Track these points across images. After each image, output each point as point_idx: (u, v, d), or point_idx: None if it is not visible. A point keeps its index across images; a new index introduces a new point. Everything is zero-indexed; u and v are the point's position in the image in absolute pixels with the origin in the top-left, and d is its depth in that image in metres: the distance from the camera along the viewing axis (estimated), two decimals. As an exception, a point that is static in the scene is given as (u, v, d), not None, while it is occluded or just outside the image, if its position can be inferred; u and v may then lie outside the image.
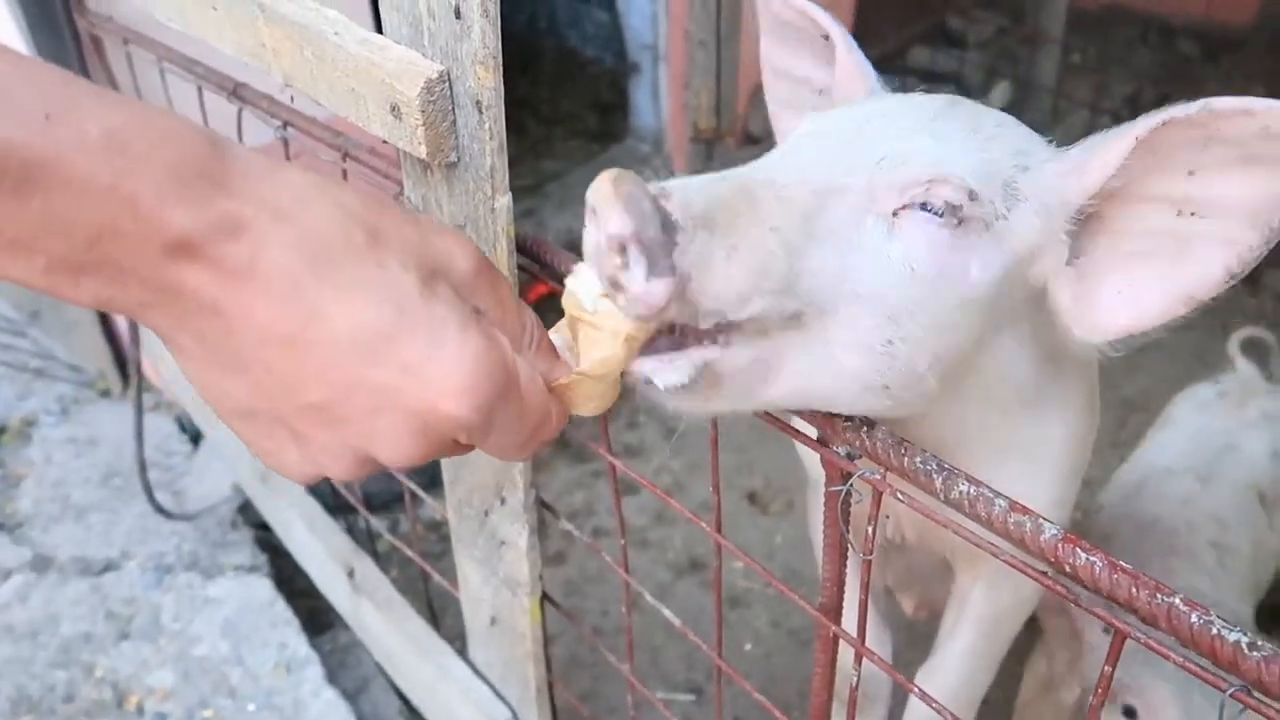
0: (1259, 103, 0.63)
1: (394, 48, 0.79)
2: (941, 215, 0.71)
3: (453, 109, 0.77)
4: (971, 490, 0.60)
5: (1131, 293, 0.73)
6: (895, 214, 0.71)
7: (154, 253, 0.46)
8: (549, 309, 0.67)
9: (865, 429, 0.67)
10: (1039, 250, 0.75)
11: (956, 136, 0.75)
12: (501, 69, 0.75)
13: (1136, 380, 2.81)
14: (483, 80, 0.74)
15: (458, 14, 0.73)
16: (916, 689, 0.73)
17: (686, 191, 0.62)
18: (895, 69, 4.07)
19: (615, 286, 0.59)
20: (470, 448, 0.58)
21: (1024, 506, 0.58)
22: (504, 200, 0.80)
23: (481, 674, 1.34)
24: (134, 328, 1.97)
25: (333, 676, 1.85)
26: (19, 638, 1.92)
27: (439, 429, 0.53)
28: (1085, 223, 0.75)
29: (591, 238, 0.61)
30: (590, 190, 0.60)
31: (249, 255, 0.48)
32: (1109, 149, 0.71)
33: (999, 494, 0.59)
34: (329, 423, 0.52)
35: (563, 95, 4.06)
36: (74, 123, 0.44)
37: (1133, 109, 3.69)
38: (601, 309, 0.61)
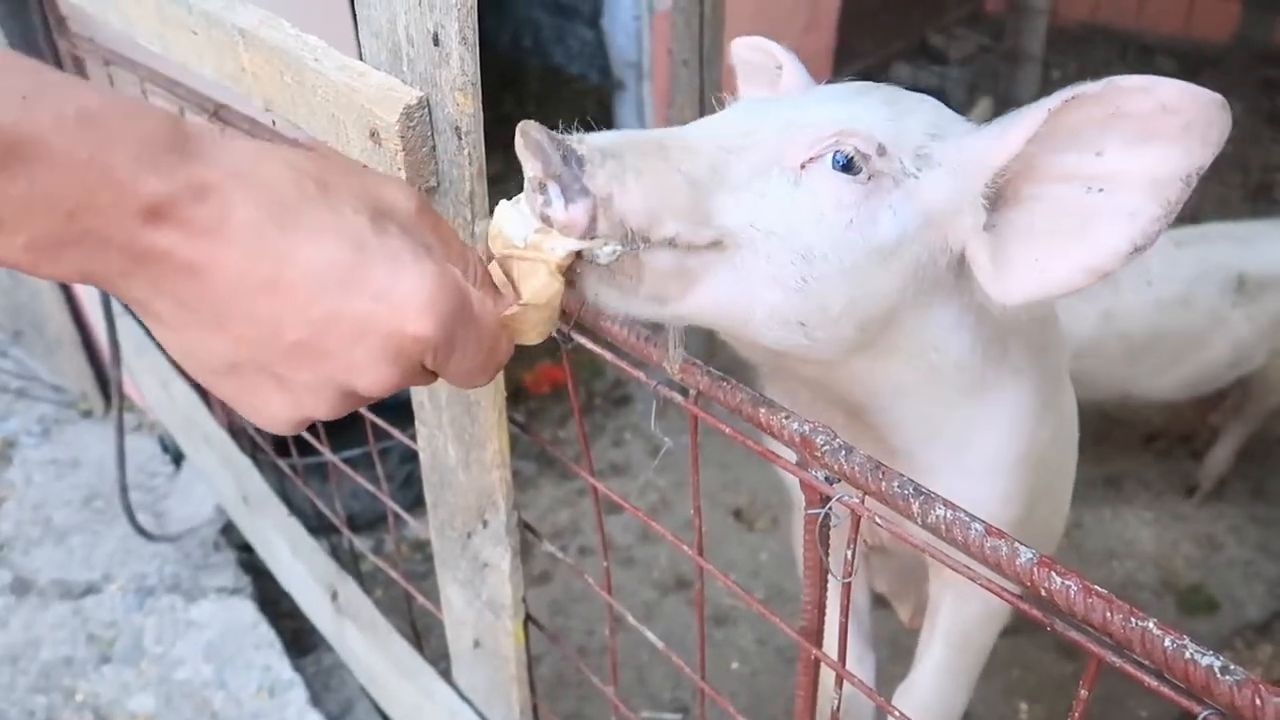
0: (1156, 80, 0.70)
1: (373, 74, 0.79)
2: (849, 170, 0.76)
3: (432, 135, 0.78)
4: (948, 514, 0.60)
5: (1040, 263, 0.77)
6: (803, 166, 0.77)
7: (130, 220, 0.50)
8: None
9: (844, 453, 0.68)
10: (954, 212, 0.80)
11: (870, 106, 0.81)
12: (480, 95, 0.75)
13: (1119, 395, 2.83)
14: (461, 106, 0.75)
15: (436, 41, 0.73)
16: (896, 711, 0.73)
17: (598, 135, 0.70)
18: (878, 86, 4.10)
19: (545, 221, 0.67)
20: (435, 377, 0.62)
21: (1000, 530, 0.58)
22: (484, 224, 0.80)
23: (466, 697, 1.33)
24: (115, 347, 1.96)
25: (316, 699, 1.84)
26: (-2, 662, 1.90)
27: (409, 351, 0.57)
28: (1003, 193, 0.80)
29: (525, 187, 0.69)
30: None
31: (217, 214, 0.52)
32: (1025, 119, 0.76)
33: (975, 518, 0.59)
34: (311, 359, 0.56)
35: (548, 112, 4.04)
36: (50, 103, 0.47)
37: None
38: (531, 240, 0.67)
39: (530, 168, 0.67)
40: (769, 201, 0.75)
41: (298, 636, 2.05)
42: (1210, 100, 0.69)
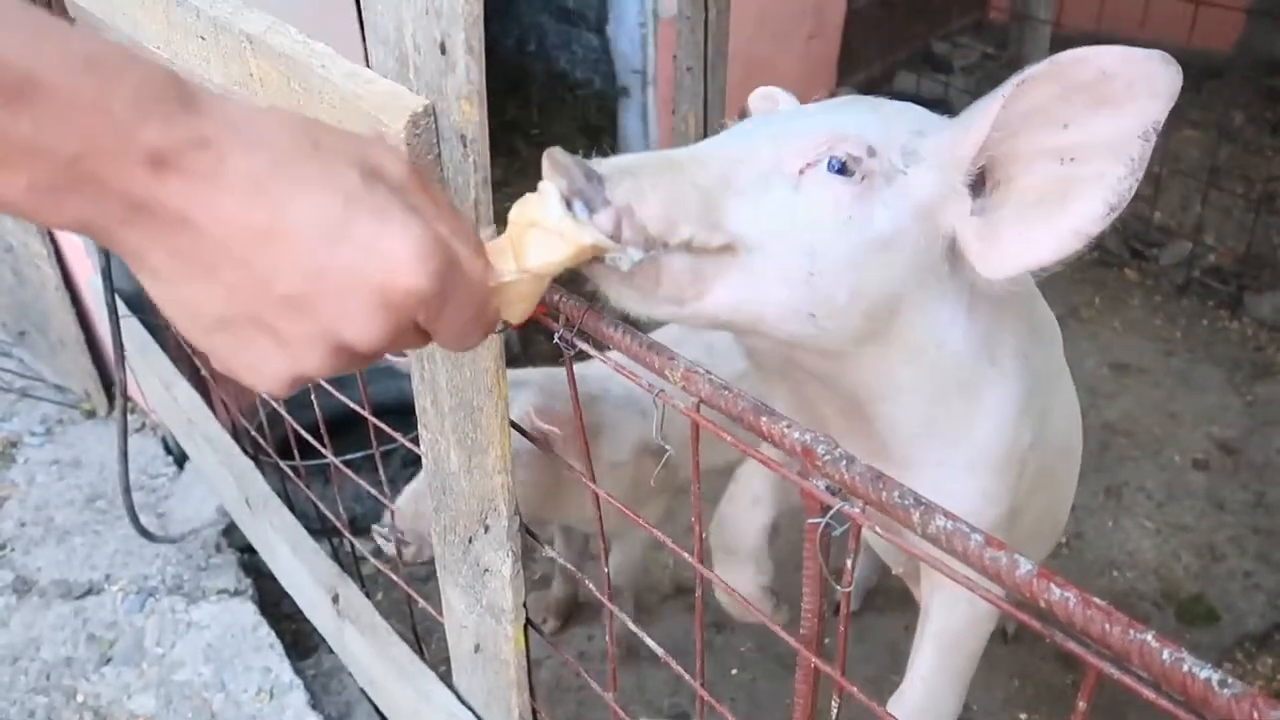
0: (1094, 49, 0.76)
1: (380, 81, 0.80)
2: (844, 173, 0.83)
3: (437, 142, 0.78)
4: (949, 525, 0.60)
5: (1025, 235, 0.83)
6: (801, 172, 0.83)
7: (131, 166, 0.51)
8: (535, 329, 0.70)
9: (845, 463, 0.68)
10: (942, 201, 0.86)
11: (858, 113, 0.89)
12: (486, 104, 0.76)
13: (1119, 404, 2.83)
14: (467, 115, 0.75)
15: (443, 49, 0.74)
16: (890, 717, 0.73)
17: (617, 157, 0.78)
18: (881, 94, 4.11)
19: None
20: (427, 339, 0.64)
21: (1000, 541, 0.58)
22: (489, 232, 0.81)
23: (465, 701, 1.33)
24: (119, 348, 1.96)
25: (316, 702, 1.84)
26: (-1, 662, 1.90)
27: (400, 303, 0.58)
28: (988, 177, 0.86)
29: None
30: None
31: (215, 162, 0.53)
32: (986, 108, 0.83)
33: (975, 529, 0.59)
34: (303, 312, 0.57)
35: (552, 118, 4.08)
36: (56, 44, 0.48)
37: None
38: (566, 225, 0.71)
39: (558, 186, 0.73)
40: (772, 206, 0.82)
41: (298, 639, 2.05)
42: (1147, 57, 0.74)
